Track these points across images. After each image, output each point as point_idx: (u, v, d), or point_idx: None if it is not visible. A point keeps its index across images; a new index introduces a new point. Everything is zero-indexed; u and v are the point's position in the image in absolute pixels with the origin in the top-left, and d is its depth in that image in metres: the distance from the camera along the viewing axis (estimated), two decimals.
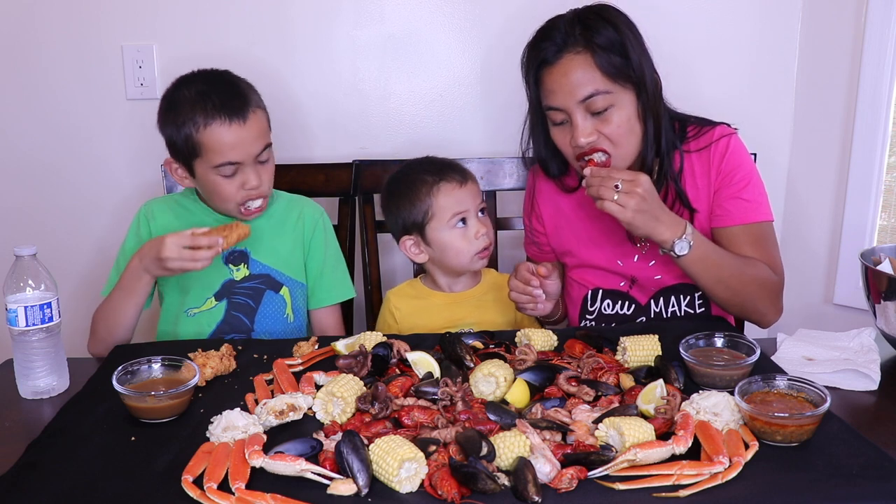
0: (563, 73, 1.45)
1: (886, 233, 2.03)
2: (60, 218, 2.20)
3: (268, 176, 1.60)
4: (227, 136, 1.50)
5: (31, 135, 2.15)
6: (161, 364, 1.26)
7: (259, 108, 1.58)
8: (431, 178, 1.61)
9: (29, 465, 1.05)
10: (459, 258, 1.61)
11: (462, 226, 1.61)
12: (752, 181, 1.56)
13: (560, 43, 1.45)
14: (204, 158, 1.53)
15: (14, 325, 1.30)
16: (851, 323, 1.55)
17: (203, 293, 1.65)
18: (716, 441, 1.02)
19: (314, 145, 2.16)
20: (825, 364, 1.34)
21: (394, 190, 1.66)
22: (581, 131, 1.46)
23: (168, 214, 1.67)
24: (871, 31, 1.94)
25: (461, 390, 1.17)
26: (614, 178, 1.37)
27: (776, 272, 1.55)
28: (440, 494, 0.95)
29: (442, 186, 1.60)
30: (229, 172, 1.53)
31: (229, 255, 1.65)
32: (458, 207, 1.59)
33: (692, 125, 1.60)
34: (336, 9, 2.09)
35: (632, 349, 1.31)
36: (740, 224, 1.55)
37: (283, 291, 1.69)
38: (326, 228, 1.75)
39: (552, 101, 1.48)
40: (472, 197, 1.62)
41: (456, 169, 1.63)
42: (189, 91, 1.54)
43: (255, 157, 1.55)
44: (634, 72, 1.45)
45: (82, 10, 2.07)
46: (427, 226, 1.61)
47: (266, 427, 1.13)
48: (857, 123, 1.99)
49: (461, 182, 1.61)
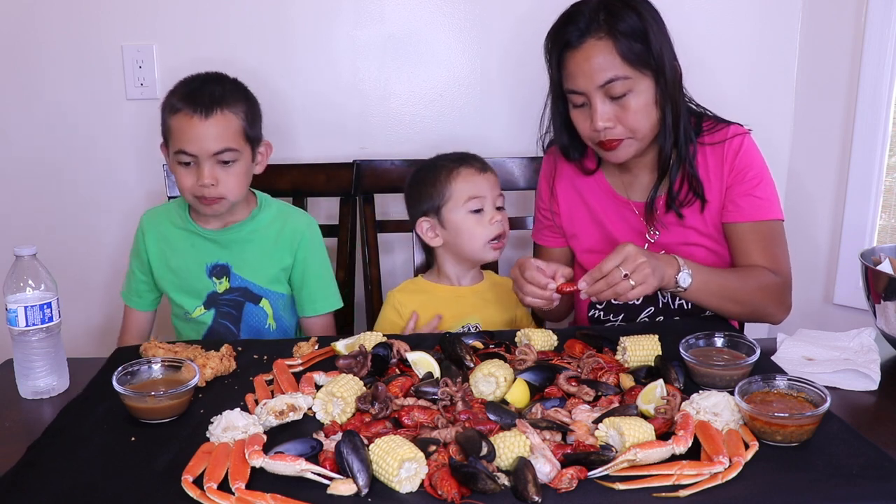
0: (585, 57, 1.47)
1: (886, 233, 2.03)
2: (60, 218, 2.20)
3: (230, 179, 1.61)
4: (187, 126, 1.58)
5: (30, 134, 2.15)
6: (161, 364, 1.26)
7: (231, 113, 1.60)
8: (452, 164, 1.68)
9: (29, 465, 1.05)
10: (473, 243, 1.65)
11: (478, 212, 1.65)
12: (764, 179, 1.59)
13: (584, 27, 1.47)
14: (170, 143, 1.63)
15: (14, 325, 1.30)
16: (851, 323, 1.55)
17: (195, 301, 1.73)
18: (716, 441, 1.02)
19: (314, 145, 2.16)
20: (825, 364, 1.34)
21: (417, 176, 1.73)
22: (600, 115, 1.49)
23: (158, 228, 1.74)
24: (871, 32, 1.94)
25: (461, 390, 1.17)
26: (614, 273, 1.34)
27: (781, 272, 1.57)
28: (440, 494, 0.95)
29: (462, 171, 1.66)
30: (185, 162, 1.60)
31: (213, 269, 1.71)
32: (474, 191, 1.65)
33: (708, 120, 1.63)
34: (336, 9, 2.09)
35: (632, 349, 1.31)
36: (751, 221, 1.57)
37: (263, 303, 1.74)
38: (312, 239, 1.75)
39: (573, 84, 1.51)
40: (491, 186, 1.68)
41: (478, 159, 1.71)
42: (186, 85, 1.63)
43: (211, 154, 1.59)
44: (654, 59, 1.47)
45: (82, 10, 2.07)
46: (444, 207, 1.66)
47: (266, 427, 1.13)
48: (857, 123, 1.99)
49: (480, 169, 1.68)
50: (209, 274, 1.71)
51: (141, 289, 1.75)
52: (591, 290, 1.35)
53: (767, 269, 1.55)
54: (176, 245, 1.71)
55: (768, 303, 1.55)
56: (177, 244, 1.71)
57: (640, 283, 1.34)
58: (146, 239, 1.73)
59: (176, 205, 1.75)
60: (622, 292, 1.34)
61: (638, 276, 1.33)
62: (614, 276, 1.33)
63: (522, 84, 2.12)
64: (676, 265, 1.43)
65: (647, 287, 1.34)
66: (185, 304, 1.72)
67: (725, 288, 1.49)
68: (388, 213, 2.14)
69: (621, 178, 1.68)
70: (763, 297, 1.54)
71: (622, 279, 1.33)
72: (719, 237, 1.62)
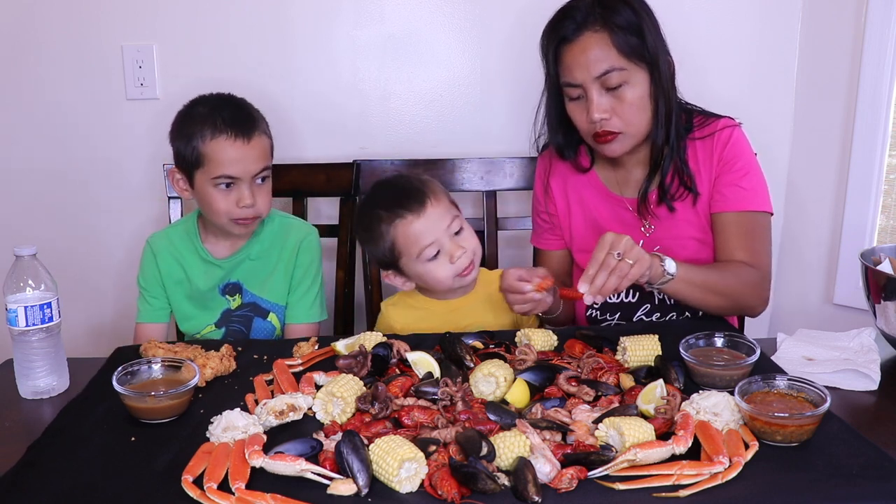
0: (582, 49, 1.49)
1: (886, 233, 2.03)
2: (60, 218, 2.20)
3: (263, 198, 1.66)
4: (230, 150, 1.59)
5: (30, 134, 2.15)
6: (161, 364, 1.26)
7: (264, 135, 1.66)
8: (386, 213, 1.53)
9: (29, 465, 1.05)
10: (442, 284, 1.57)
11: (434, 256, 1.53)
12: (751, 171, 1.60)
13: (580, 21, 1.50)
14: (205, 169, 1.61)
15: (14, 325, 1.30)
16: (851, 323, 1.55)
17: (204, 321, 1.74)
18: (716, 441, 1.02)
19: (315, 145, 2.16)
20: (825, 364, 1.34)
21: (358, 228, 1.67)
22: (596, 106, 1.51)
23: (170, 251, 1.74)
24: (871, 32, 1.94)
25: (461, 390, 1.17)
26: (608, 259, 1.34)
27: (760, 265, 1.58)
28: (440, 494, 0.95)
29: (397, 223, 1.52)
30: (226, 185, 1.61)
31: (225, 287, 1.73)
32: (422, 241, 1.51)
33: (698, 116, 1.65)
34: (336, 9, 2.09)
35: (632, 349, 1.31)
36: (735, 211, 1.59)
37: (271, 317, 1.75)
38: (308, 250, 1.75)
39: (569, 76, 1.53)
40: (437, 221, 1.52)
41: (412, 195, 1.52)
42: (203, 108, 1.63)
43: (252, 175, 1.62)
44: (649, 52, 1.50)
45: (82, 10, 2.07)
46: (399, 262, 1.57)
47: (266, 427, 1.13)
48: (857, 123, 1.99)
49: (418, 212, 1.51)
50: (222, 292, 1.74)
51: (157, 304, 1.75)
52: (592, 286, 1.33)
53: (745, 263, 1.57)
54: (191, 270, 1.73)
55: (747, 296, 1.57)
56: (191, 270, 1.73)
57: (637, 260, 1.34)
58: (158, 261, 1.73)
59: (184, 230, 1.76)
60: (623, 273, 1.33)
61: (631, 255, 1.34)
62: (609, 261, 1.33)
63: (522, 84, 2.12)
64: (658, 255, 1.44)
65: (643, 263, 1.34)
66: (196, 323, 1.74)
67: (707, 281, 1.50)
68: None
69: (615, 175, 1.69)
70: (742, 290, 1.55)
71: (619, 261, 1.33)
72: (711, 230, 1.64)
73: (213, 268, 1.72)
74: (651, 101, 1.53)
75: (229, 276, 1.73)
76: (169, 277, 1.73)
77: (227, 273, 1.73)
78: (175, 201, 1.99)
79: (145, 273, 1.75)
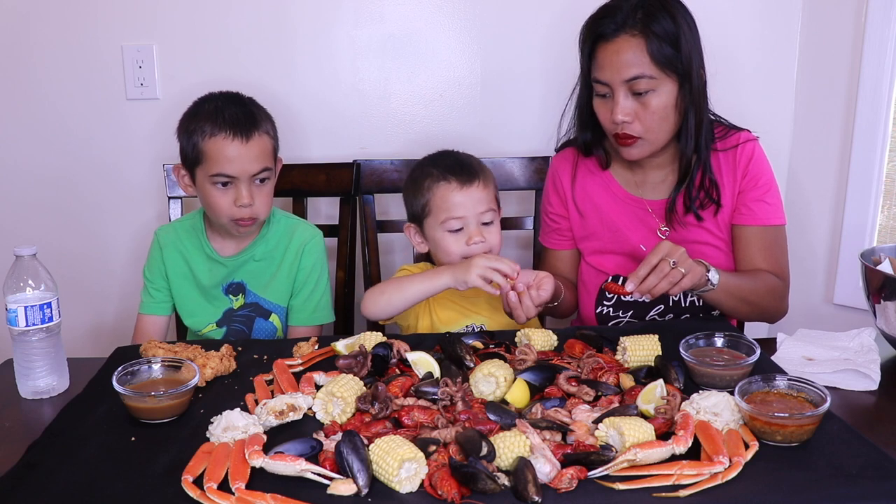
0: (616, 51, 1.51)
1: (886, 233, 2.03)
2: (60, 218, 2.20)
3: (263, 199, 1.65)
4: (228, 149, 1.59)
5: (30, 134, 2.15)
6: (161, 364, 1.26)
7: (266, 135, 1.65)
8: (437, 172, 1.60)
9: (29, 465, 1.05)
10: (450, 257, 1.60)
11: (457, 231, 1.58)
12: (773, 186, 1.65)
13: (619, 22, 1.51)
14: (204, 167, 1.61)
15: (14, 325, 1.30)
16: (851, 323, 1.55)
17: (206, 319, 1.74)
18: (716, 441, 1.02)
19: (315, 145, 2.16)
20: (825, 364, 1.34)
21: (410, 175, 1.69)
22: (621, 108, 1.52)
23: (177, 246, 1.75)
24: (871, 31, 1.94)
25: (461, 390, 1.17)
26: (663, 265, 1.38)
27: (783, 275, 1.64)
28: (440, 494, 0.95)
29: (440, 185, 1.58)
30: (223, 184, 1.61)
31: (229, 287, 1.74)
32: (452, 211, 1.57)
33: (719, 127, 1.67)
34: (336, 9, 2.09)
35: (632, 349, 1.31)
36: (760, 225, 1.63)
37: (273, 318, 1.75)
38: (312, 252, 1.75)
39: (600, 74, 1.54)
40: (474, 203, 1.57)
41: (465, 170, 1.59)
42: (209, 105, 1.63)
43: (250, 175, 1.61)
44: (682, 64, 1.51)
45: (82, 10, 2.07)
46: (424, 220, 1.62)
47: (266, 427, 1.13)
48: (857, 123, 1.99)
49: (463, 184, 1.57)
50: (225, 292, 1.74)
51: (159, 296, 1.75)
52: (642, 286, 1.38)
53: (771, 273, 1.61)
54: (195, 266, 1.73)
55: (773, 305, 1.62)
56: (196, 266, 1.73)
57: (689, 271, 1.39)
58: (164, 254, 1.74)
59: (190, 226, 1.76)
60: (675, 280, 1.38)
61: (685, 265, 1.39)
62: (663, 266, 1.37)
63: (522, 84, 2.12)
64: (704, 263, 1.47)
65: (693, 275, 1.40)
66: (199, 320, 1.74)
67: (742, 289, 1.54)
68: (388, 213, 2.14)
69: (633, 176, 1.70)
70: (770, 299, 1.60)
71: (672, 268, 1.38)
72: (729, 239, 1.67)
73: (217, 265, 1.73)
74: (675, 112, 1.54)
75: (233, 276, 1.73)
76: (173, 271, 1.73)
77: (231, 272, 1.73)
78: (175, 201, 1.99)
79: (151, 265, 1.75)
